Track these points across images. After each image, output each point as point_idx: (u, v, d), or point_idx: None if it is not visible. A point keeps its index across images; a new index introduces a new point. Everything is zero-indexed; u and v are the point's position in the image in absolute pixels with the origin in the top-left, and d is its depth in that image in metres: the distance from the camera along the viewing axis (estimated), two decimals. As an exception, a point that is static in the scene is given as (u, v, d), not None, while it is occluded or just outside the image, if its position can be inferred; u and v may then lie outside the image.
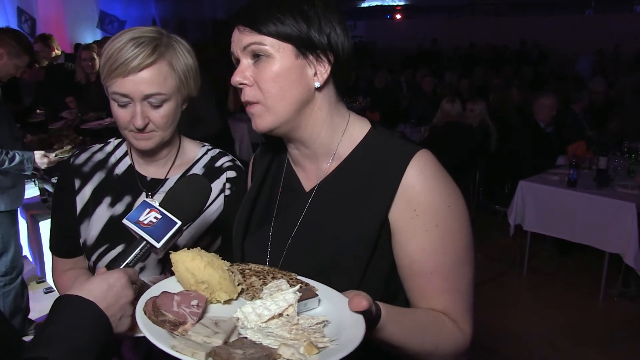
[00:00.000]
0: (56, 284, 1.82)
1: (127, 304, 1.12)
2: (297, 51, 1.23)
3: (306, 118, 1.29)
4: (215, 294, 1.13)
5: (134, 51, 1.48)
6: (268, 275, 1.21)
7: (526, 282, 5.45)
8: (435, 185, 1.24)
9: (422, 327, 1.23)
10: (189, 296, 1.09)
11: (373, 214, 1.25)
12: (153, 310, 1.05)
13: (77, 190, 1.71)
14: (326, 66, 1.26)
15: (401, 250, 1.27)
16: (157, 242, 1.20)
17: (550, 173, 5.50)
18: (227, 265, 1.17)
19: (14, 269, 4.03)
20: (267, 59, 1.22)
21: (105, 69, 1.51)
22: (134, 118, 1.52)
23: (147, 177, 1.71)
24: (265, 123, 1.27)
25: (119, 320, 1.10)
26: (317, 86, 1.26)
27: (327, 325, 1.06)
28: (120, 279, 1.12)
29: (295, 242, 1.36)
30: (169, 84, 1.54)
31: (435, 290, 1.26)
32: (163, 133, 1.59)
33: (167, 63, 1.54)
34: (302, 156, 1.39)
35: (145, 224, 1.22)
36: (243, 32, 1.24)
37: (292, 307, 1.05)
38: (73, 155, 1.77)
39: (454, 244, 1.26)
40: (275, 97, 1.24)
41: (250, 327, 1.03)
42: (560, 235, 5.28)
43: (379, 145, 1.31)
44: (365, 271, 1.27)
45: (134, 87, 1.50)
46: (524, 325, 4.58)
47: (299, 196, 1.40)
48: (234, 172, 1.74)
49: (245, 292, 1.18)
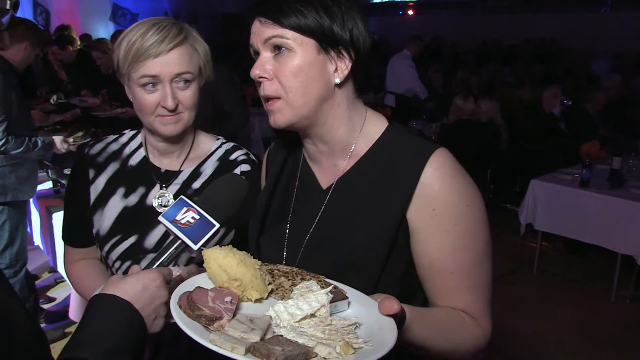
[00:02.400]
0: (68, 273, 1.82)
1: (162, 304, 1.12)
2: (319, 46, 1.22)
3: (325, 114, 1.28)
4: (247, 292, 1.14)
5: (160, 33, 1.51)
6: (297, 276, 1.21)
7: (536, 281, 5.41)
8: (454, 184, 1.24)
9: (444, 326, 1.23)
10: (222, 292, 1.09)
11: (391, 213, 1.24)
12: (188, 305, 1.06)
13: (91, 180, 1.71)
14: (347, 62, 1.25)
15: (420, 249, 1.26)
16: (195, 244, 1.19)
17: (562, 172, 5.46)
18: (258, 264, 1.17)
19: (18, 262, 4.05)
20: (288, 52, 1.21)
21: (130, 55, 1.52)
22: (165, 99, 1.53)
23: (161, 169, 1.71)
24: (284, 118, 1.26)
25: (153, 320, 1.11)
26: (337, 82, 1.25)
27: (358, 327, 1.06)
28: (156, 279, 1.12)
29: (313, 240, 1.35)
30: (195, 64, 1.58)
31: (455, 289, 1.26)
32: (189, 116, 1.60)
33: (190, 44, 1.57)
34: (319, 152, 1.38)
35: (183, 224, 1.19)
36: (264, 24, 1.22)
37: (324, 307, 1.06)
38: (87, 146, 1.77)
39: (473, 242, 1.25)
40: (296, 92, 1.22)
41: (284, 326, 1.04)
42: (572, 236, 5.23)
43: (397, 143, 1.30)
44: (383, 270, 1.26)
45: (164, 68, 1.51)
46: (533, 324, 4.55)
47: (315, 193, 1.39)
48: (248, 166, 1.73)
49: (274, 292, 1.18)
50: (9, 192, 3.82)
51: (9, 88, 3.66)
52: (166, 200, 1.68)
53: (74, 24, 10.80)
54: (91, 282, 1.68)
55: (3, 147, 3.59)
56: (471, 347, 1.28)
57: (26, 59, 3.95)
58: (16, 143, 3.63)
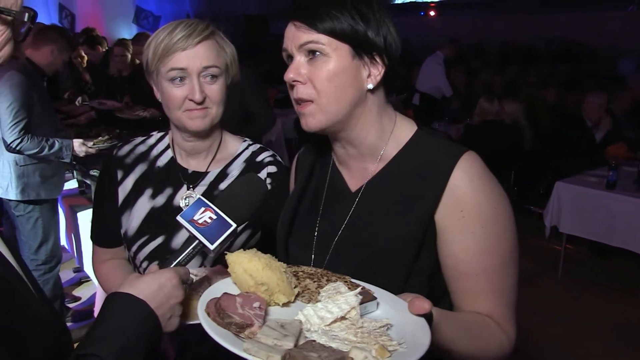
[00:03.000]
0: (96, 273, 1.85)
1: (177, 304, 1.12)
2: (353, 52, 1.22)
3: (356, 118, 1.29)
4: (274, 296, 1.12)
5: (188, 29, 1.54)
6: (322, 277, 1.20)
7: (561, 284, 5.34)
8: (482, 187, 1.24)
9: (470, 330, 1.22)
10: (250, 298, 1.08)
11: (419, 215, 1.25)
12: (217, 312, 1.04)
13: (119, 181, 1.73)
14: (380, 68, 1.25)
15: (446, 250, 1.26)
16: (211, 244, 1.19)
17: (588, 174, 5.37)
18: (284, 267, 1.16)
19: (54, 258, 4.16)
20: (323, 57, 1.22)
21: (159, 51, 1.55)
22: (192, 92, 1.55)
23: (189, 170, 1.72)
24: (316, 122, 1.26)
25: (168, 320, 1.10)
26: (370, 88, 1.26)
27: (389, 329, 1.04)
28: (172, 279, 1.12)
29: (341, 242, 1.36)
30: (222, 60, 1.60)
31: (480, 292, 1.26)
32: (216, 111, 1.61)
33: (216, 42, 1.60)
34: (348, 156, 1.38)
35: (200, 224, 1.20)
36: (300, 28, 1.23)
37: (354, 310, 1.04)
38: (116, 147, 1.80)
39: (499, 245, 1.25)
40: (330, 96, 1.23)
41: (315, 330, 1.02)
42: (598, 239, 5.15)
43: (426, 147, 1.31)
44: (410, 272, 1.26)
45: (191, 61, 1.54)
46: (557, 328, 4.49)
47: (344, 196, 1.39)
48: (275, 167, 1.74)
49: (301, 295, 1.16)
50: (31, 191, 3.91)
51: (32, 89, 3.73)
52: (193, 200, 1.68)
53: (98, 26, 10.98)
54: (119, 282, 1.68)
55: (18, 146, 3.65)
56: (496, 353, 1.26)
57: (52, 63, 4.04)
58: (32, 143, 3.68)
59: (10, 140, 3.63)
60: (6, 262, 1.00)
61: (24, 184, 3.87)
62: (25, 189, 3.88)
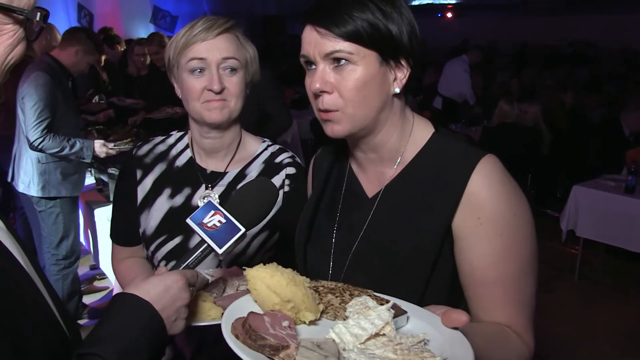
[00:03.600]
0: (115, 271, 1.86)
1: (183, 306, 1.11)
2: (380, 59, 1.18)
3: (381, 123, 1.26)
4: (300, 314, 1.05)
5: (208, 22, 1.57)
6: (345, 292, 1.15)
7: (577, 289, 5.28)
8: (501, 192, 1.20)
9: (493, 341, 1.19)
10: (277, 316, 1.02)
11: (437, 220, 1.22)
12: (247, 334, 0.97)
13: (138, 180, 1.74)
14: (405, 71, 1.22)
15: (463, 257, 1.23)
16: (219, 247, 1.18)
17: (606, 178, 5.33)
18: (308, 282, 1.10)
19: (74, 254, 4.24)
20: (351, 65, 1.17)
21: (179, 45, 1.58)
22: (211, 82, 1.56)
23: (207, 170, 1.73)
24: (342, 130, 1.22)
25: (173, 322, 1.09)
26: (397, 92, 1.23)
27: (427, 344, 0.99)
28: (178, 281, 1.11)
29: (360, 249, 1.34)
30: (241, 54, 1.61)
31: (498, 301, 1.22)
32: (234, 104, 1.62)
33: (237, 37, 1.62)
34: (367, 160, 1.36)
35: (209, 227, 1.19)
36: (325, 36, 1.16)
37: (388, 325, 0.99)
38: (136, 147, 1.81)
39: (518, 253, 1.21)
40: (357, 105, 1.19)
41: (350, 349, 0.96)
42: (616, 243, 5.10)
43: (444, 150, 1.27)
44: (429, 280, 1.24)
45: (211, 52, 1.56)
46: (573, 333, 4.44)
47: (362, 202, 1.37)
48: (294, 169, 1.74)
49: (325, 312, 1.10)
50: (52, 188, 3.99)
51: (57, 89, 3.82)
52: (212, 200, 1.69)
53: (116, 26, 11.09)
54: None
55: (40, 144, 3.74)
56: None
57: (77, 64, 4.09)
58: (54, 142, 3.76)
59: (33, 139, 3.73)
60: (10, 258, 1.00)
61: (45, 181, 3.96)
62: (46, 186, 3.97)
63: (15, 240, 1.07)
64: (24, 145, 3.93)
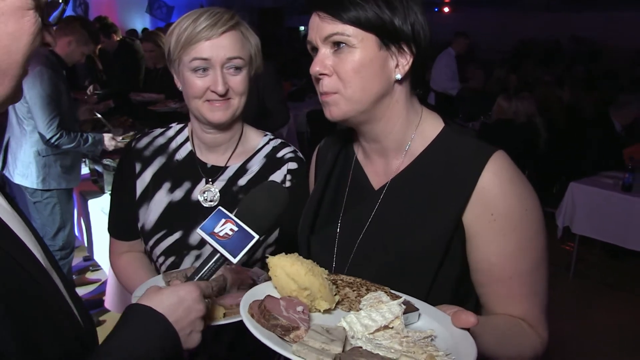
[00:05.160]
0: (113, 265, 1.83)
1: (198, 319, 1.07)
2: (380, 42, 1.18)
3: (382, 111, 1.25)
4: (316, 302, 1.10)
5: (212, 18, 1.51)
6: (362, 287, 1.18)
7: (573, 287, 5.29)
8: (513, 189, 1.20)
9: (507, 335, 1.20)
10: (293, 302, 1.06)
11: (446, 216, 1.21)
12: (262, 314, 1.02)
13: (137, 174, 1.71)
14: (408, 58, 1.21)
15: (478, 254, 1.23)
16: (234, 257, 1.15)
17: (603, 176, 5.33)
18: (326, 273, 1.13)
19: (70, 244, 4.25)
20: (349, 48, 1.18)
21: (182, 40, 1.52)
22: (215, 83, 1.52)
23: (208, 164, 1.70)
24: (340, 111, 1.23)
25: (188, 335, 1.05)
26: (399, 78, 1.22)
27: (433, 340, 1.03)
28: (192, 292, 1.07)
29: (365, 243, 1.33)
30: (246, 50, 1.57)
31: (514, 295, 1.23)
32: (238, 102, 1.59)
33: (241, 32, 1.57)
34: (372, 151, 1.35)
35: (221, 237, 1.15)
36: (324, 19, 1.19)
37: (398, 319, 1.03)
38: (134, 139, 1.77)
39: (531, 248, 1.22)
40: (356, 88, 1.19)
41: (358, 337, 1.00)
42: (612, 241, 5.11)
43: (454, 145, 1.27)
44: (436, 275, 1.23)
45: (215, 52, 1.51)
46: (568, 330, 4.44)
47: (367, 194, 1.36)
48: (296, 164, 1.71)
49: (340, 303, 1.14)
50: (53, 181, 3.99)
51: (59, 83, 3.79)
52: (212, 195, 1.66)
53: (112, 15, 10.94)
54: (136, 276, 1.68)
55: (57, 141, 3.77)
56: (530, 357, 1.25)
57: (71, 54, 4.05)
58: (69, 139, 3.80)
59: (49, 136, 3.74)
60: (32, 257, 0.98)
61: (45, 173, 3.96)
62: (46, 178, 3.97)
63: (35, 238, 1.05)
64: (22, 136, 3.91)
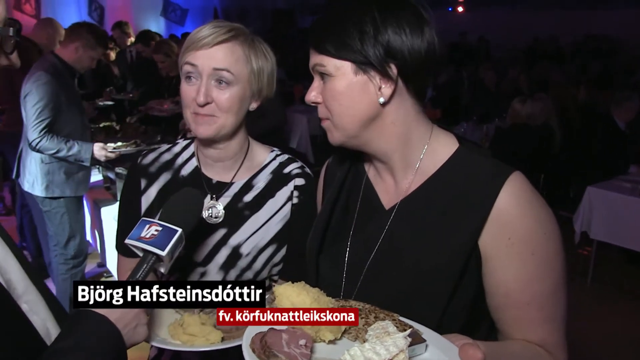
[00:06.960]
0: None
1: (141, 312, 1.15)
2: (355, 67, 1.19)
3: (377, 133, 1.25)
4: (320, 332, 1.10)
5: (211, 30, 1.52)
6: (370, 314, 1.17)
7: (590, 292, 5.21)
8: (531, 211, 1.17)
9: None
10: (296, 335, 1.06)
11: (462, 239, 1.18)
12: (263, 349, 1.03)
13: (142, 190, 1.69)
14: (391, 80, 1.19)
15: (495, 279, 1.20)
16: (162, 250, 1.21)
17: (621, 180, 5.23)
18: (332, 302, 1.14)
19: (82, 253, 4.24)
20: (329, 78, 1.21)
21: (183, 47, 1.55)
22: (197, 93, 1.51)
23: (213, 180, 1.68)
24: (334, 139, 1.28)
25: (134, 329, 1.14)
26: (382, 102, 1.20)
27: None
28: None
29: (375, 264, 1.30)
30: (240, 68, 1.53)
31: (532, 321, 1.20)
32: (224, 120, 1.55)
33: (241, 49, 1.54)
34: (381, 169, 1.33)
35: (148, 238, 1.23)
36: (312, 52, 1.25)
37: (402, 353, 1.00)
38: (141, 155, 1.76)
39: (550, 272, 1.19)
40: (339, 115, 1.23)
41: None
42: (630, 246, 5.02)
43: (469, 165, 1.23)
44: (451, 299, 1.20)
45: (203, 60, 1.51)
46: (587, 337, 4.36)
47: (378, 213, 1.33)
48: (303, 180, 1.68)
49: (347, 332, 1.13)
50: (56, 188, 3.96)
51: (60, 89, 3.77)
52: (217, 211, 1.65)
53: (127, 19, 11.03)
54: None
55: (37, 144, 3.70)
56: None
57: (79, 60, 3.98)
58: (51, 143, 3.72)
59: (32, 139, 3.70)
60: None
61: (49, 180, 3.93)
62: (50, 186, 3.94)
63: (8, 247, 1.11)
64: None
